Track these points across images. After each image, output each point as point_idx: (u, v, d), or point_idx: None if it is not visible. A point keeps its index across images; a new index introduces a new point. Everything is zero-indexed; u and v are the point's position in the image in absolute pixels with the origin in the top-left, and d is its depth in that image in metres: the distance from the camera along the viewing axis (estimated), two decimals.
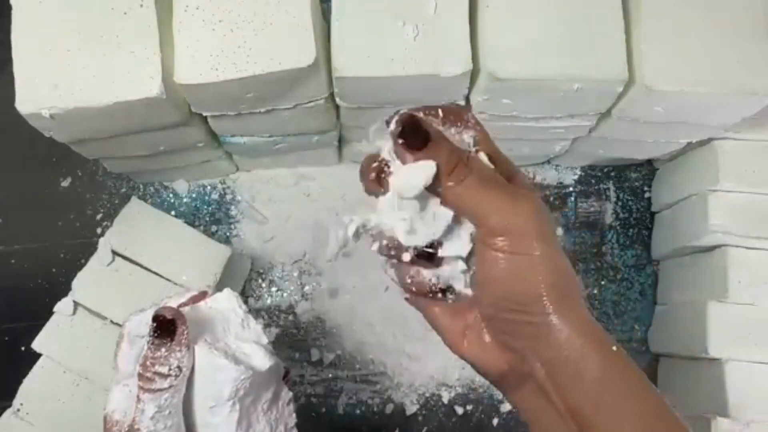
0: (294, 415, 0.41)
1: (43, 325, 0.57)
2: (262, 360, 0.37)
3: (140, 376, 0.35)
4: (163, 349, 0.35)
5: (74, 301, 0.57)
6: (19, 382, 0.56)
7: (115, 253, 0.59)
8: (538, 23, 0.50)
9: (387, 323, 0.68)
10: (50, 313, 0.57)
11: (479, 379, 0.68)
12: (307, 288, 0.69)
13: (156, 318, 0.35)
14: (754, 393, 0.57)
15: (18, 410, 0.55)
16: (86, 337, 0.57)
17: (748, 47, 0.50)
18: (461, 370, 0.67)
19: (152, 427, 0.35)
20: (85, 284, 0.58)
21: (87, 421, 0.56)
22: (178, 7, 0.49)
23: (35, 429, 0.55)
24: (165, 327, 0.35)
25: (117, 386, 0.37)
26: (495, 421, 0.67)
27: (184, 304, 0.39)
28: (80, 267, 0.59)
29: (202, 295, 0.40)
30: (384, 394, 0.67)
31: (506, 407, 0.67)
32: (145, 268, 0.59)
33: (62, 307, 0.57)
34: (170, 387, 0.35)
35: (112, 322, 0.57)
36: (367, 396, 0.67)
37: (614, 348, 0.32)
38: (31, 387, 0.56)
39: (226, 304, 0.39)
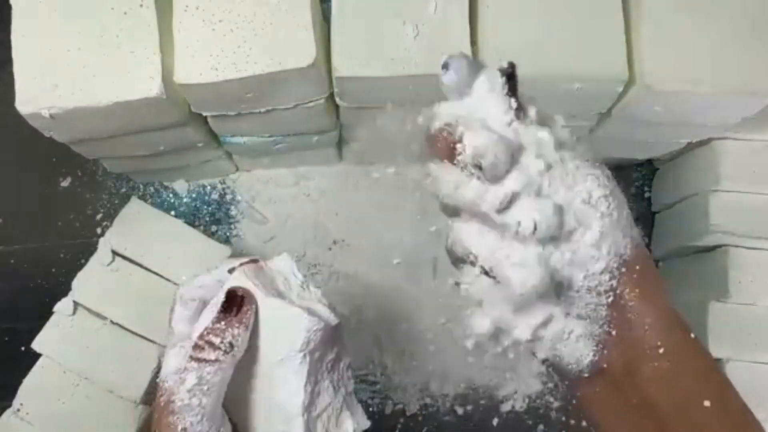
0: (352, 381, 0.41)
1: (43, 325, 0.57)
2: (330, 315, 0.37)
3: (194, 344, 0.35)
4: (223, 323, 0.35)
5: (74, 301, 0.57)
6: (19, 382, 0.56)
7: (115, 253, 0.59)
8: (538, 23, 0.50)
9: (387, 323, 0.68)
10: (50, 313, 0.57)
11: (479, 379, 0.68)
12: None
13: (228, 292, 0.36)
14: (754, 393, 0.56)
15: (18, 410, 0.55)
16: (86, 337, 0.57)
17: (748, 47, 0.50)
18: (461, 370, 0.67)
19: (187, 400, 0.34)
20: (85, 284, 0.58)
21: (87, 421, 0.56)
22: (178, 7, 0.49)
23: (35, 429, 0.55)
24: (232, 302, 0.36)
25: (172, 349, 0.37)
26: (495, 421, 0.67)
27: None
28: (80, 267, 0.59)
29: (256, 261, 0.40)
30: (384, 394, 0.67)
31: (506, 407, 0.67)
32: (145, 268, 0.59)
33: (62, 307, 0.57)
34: (216, 361, 0.34)
35: (112, 322, 0.57)
36: (367, 396, 0.67)
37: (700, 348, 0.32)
38: (31, 387, 0.56)
39: (285, 267, 0.39)
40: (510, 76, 0.32)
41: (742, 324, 0.58)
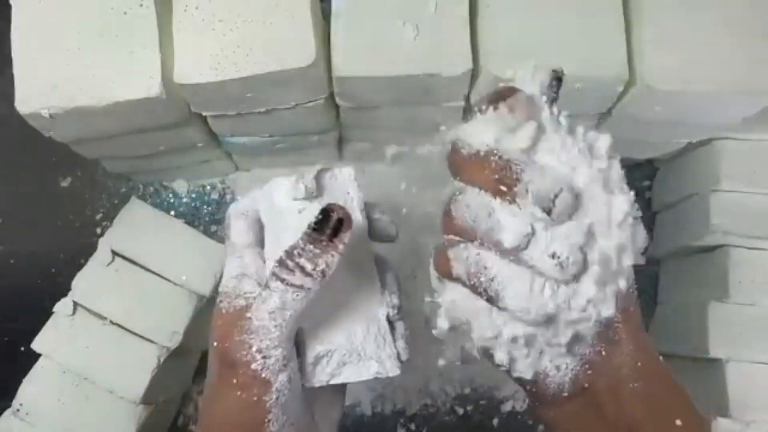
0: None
1: (43, 325, 0.57)
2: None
3: (280, 261, 0.32)
4: (318, 247, 0.32)
5: (74, 301, 0.57)
6: (19, 382, 0.56)
7: (114, 253, 0.58)
8: (538, 23, 0.50)
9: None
10: (50, 313, 0.57)
11: (479, 379, 0.67)
12: None
13: (325, 210, 0.32)
14: (754, 393, 0.57)
15: (18, 410, 0.55)
16: (86, 337, 0.57)
17: (748, 47, 0.50)
18: (461, 370, 0.67)
19: (266, 321, 0.32)
20: (85, 284, 0.58)
21: (87, 421, 0.56)
22: (178, 7, 0.49)
23: (35, 429, 0.55)
24: (326, 223, 0.32)
25: (231, 258, 0.35)
26: (495, 421, 0.67)
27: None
28: (80, 267, 0.59)
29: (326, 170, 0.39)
30: (384, 395, 0.67)
31: (506, 407, 0.67)
32: (145, 268, 0.59)
33: (62, 307, 0.57)
34: (302, 288, 0.32)
35: (112, 322, 0.57)
36: (367, 396, 0.67)
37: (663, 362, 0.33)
38: (30, 387, 0.56)
39: (348, 179, 0.39)
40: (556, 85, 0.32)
41: (742, 324, 0.58)
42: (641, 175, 0.72)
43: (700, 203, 0.61)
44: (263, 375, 0.32)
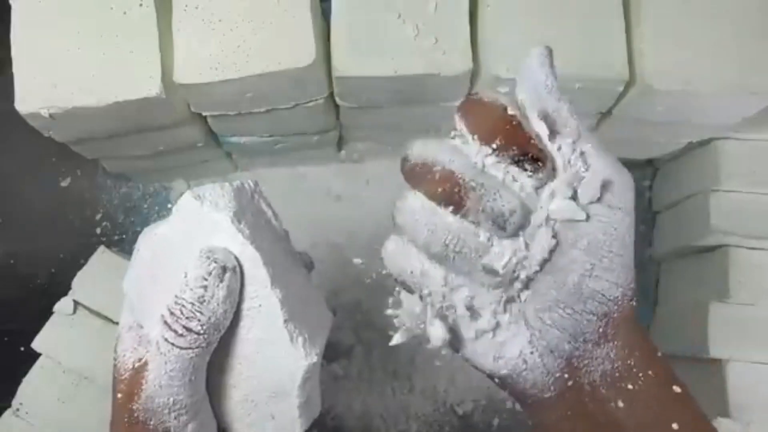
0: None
1: (43, 325, 0.57)
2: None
3: (166, 324, 0.29)
4: (202, 299, 0.29)
5: (74, 301, 0.57)
6: (19, 382, 0.56)
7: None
8: (538, 23, 0.50)
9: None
10: (50, 313, 0.57)
11: (479, 379, 0.67)
12: None
13: (206, 258, 0.30)
14: (754, 393, 0.57)
15: (17, 410, 0.55)
16: (86, 336, 0.57)
17: (749, 47, 0.50)
18: (461, 370, 0.67)
19: (166, 383, 0.30)
20: (85, 284, 0.58)
21: (87, 421, 0.56)
22: (178, 7, 0.49)
23: (35, 429, 0.55)
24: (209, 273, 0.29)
25: (126, 302, 0.32)
26: (495, 422, 0.67)
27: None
28: (80, 267, 0.59)
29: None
30: None
31: (506, 407, 0.67)
32: None
33: (62, 306, 0.57)
34: (198, 347, 0.30)
35: (112, 321, 0.57)
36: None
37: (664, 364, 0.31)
38: (30, 387, 0.56)
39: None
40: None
41: (742, 324, 0.58)
42: (641, 175, 0.72)
43: (700, 203, 0.61)
44: (171, 428, 0.31)
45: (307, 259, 0.40)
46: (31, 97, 0.47)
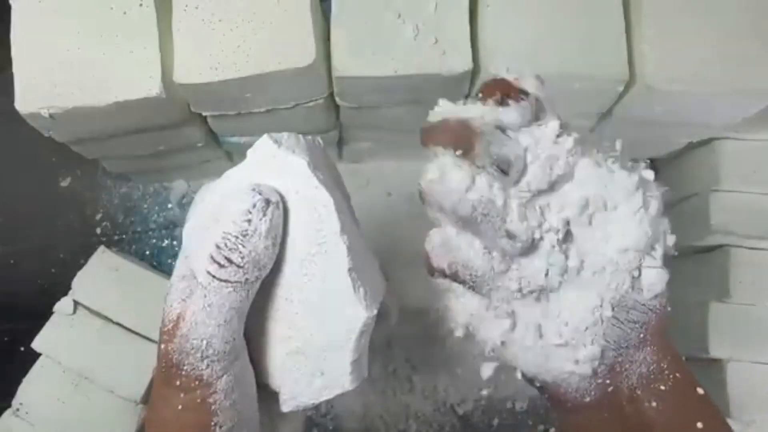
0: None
1: (43, 325, 0.57)
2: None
3: (210, 256, 0.29)
4: (245, 234, 0.29)
5: (74, 300, 0.57)
6: (19, 382, 0.56)
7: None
8: (538, 23, 0.50)
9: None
10: (50, 313, 0.57)
11: (479, 379, 0.67)
12: None
13: (252, 192, 0.29)
14: (755, 393, 0.57)
15: (17, 410, 0.56)
16: (86, 336, 0.57)
17: (749, 47, 0.50)
18: (461, 370, 0.67)
19: (203, 321, 0.29)
20: (85, 284, 0.58)
21: (87, 421, 0.56)
22: (178, 7, 0.49)
23: (35, 429, 0.55)
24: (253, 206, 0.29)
25: (181, 254, 0.32)
26: (495, 422, 0.67)
27: None
28: (80, 267, 0.59)
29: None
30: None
31: (506, 407, 0.67)
32: (145, 269, 0.59)
33: (62, 306, 0.57)
34: (237, 282, 0.29)
35: (112, 321, 0.57)
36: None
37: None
38: (30, 387, 0.56)
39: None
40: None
41: (742, 324, 0.58)
42: None
43: (700, 203, 0.61)
44: (204, 376, 0.30)
45: None
46: (31, 97, 0.47)
